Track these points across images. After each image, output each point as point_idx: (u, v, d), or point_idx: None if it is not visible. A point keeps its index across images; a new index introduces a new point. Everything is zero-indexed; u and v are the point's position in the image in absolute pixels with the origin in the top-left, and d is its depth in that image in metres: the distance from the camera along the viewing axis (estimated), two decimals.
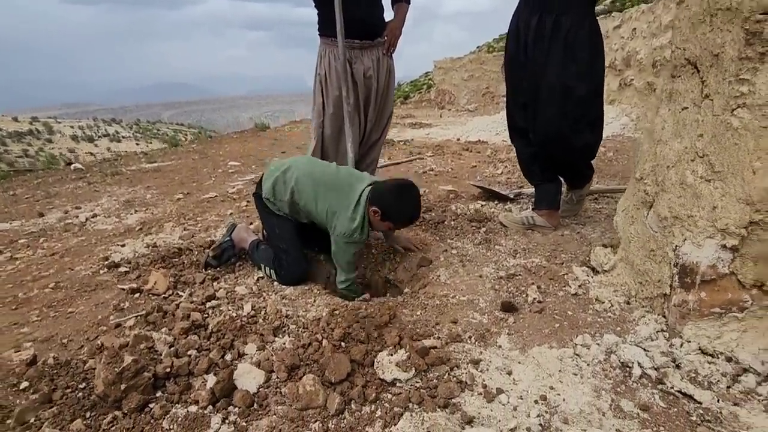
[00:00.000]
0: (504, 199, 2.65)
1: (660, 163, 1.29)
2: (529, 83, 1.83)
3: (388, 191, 1.61)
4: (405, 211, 1.59)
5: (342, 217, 1.59)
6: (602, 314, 1.31)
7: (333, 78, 2.10)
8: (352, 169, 1.81)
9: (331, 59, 2.09)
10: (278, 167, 1.76)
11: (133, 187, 3.93)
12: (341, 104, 2.12)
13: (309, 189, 1.66)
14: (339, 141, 2.24)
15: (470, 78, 14.18)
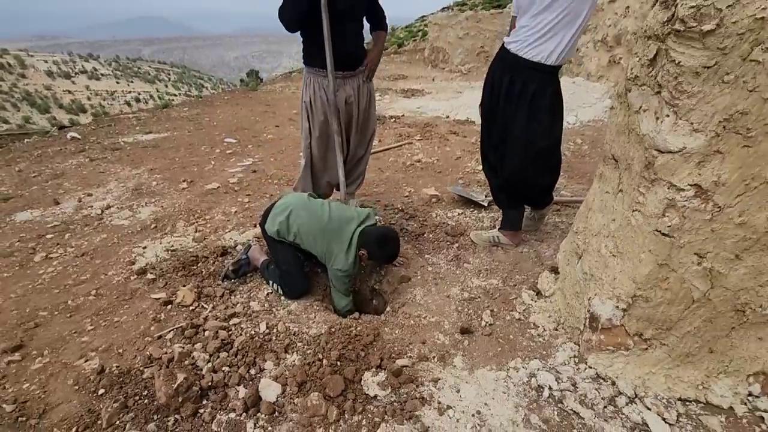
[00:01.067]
0: (479, 207, 3.01)
1: (588, 228, 1.65)
2: (499, 130, 2.13)
3: (374, 239, 1.94)
4: (386, 255, 1.95)
5: (338, 257, 1.93)
6: (535, 338, 1.73)
7: (318, 105, 2.33)
8: (341, 212, 2.08)
9: (315, 88, 2.31)
10: (282, 211, 2.05)
11: (137, 169, 4.15)
12: (326, 128, 2.39)
13: (309, 236, 1.99)
14: (326, 159, 2.53)
15: (465, 36, 13.92)
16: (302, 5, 2.06)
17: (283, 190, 3.49)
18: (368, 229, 1.98)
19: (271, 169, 4.04)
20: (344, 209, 2.11)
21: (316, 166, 2.55)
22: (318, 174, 2.60)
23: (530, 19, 1.87)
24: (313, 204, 2.12)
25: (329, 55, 2.19)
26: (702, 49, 1.08)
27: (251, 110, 7.32)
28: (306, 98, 2.36)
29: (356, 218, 2.03)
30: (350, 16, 2.20)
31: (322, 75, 2.30)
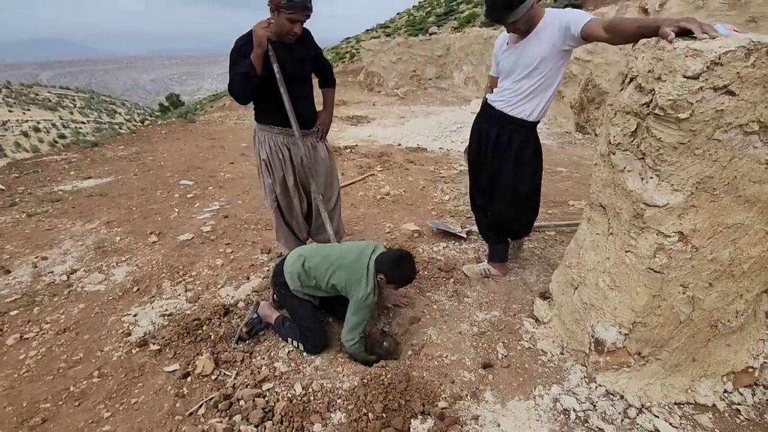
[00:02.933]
0: (460, 238, 3.25)
1: (582, 263, 1.92)
2: (487, 176, 2.39)
3: (390, 262, 2.05)
4: (404, 277, 2.06)
5: (359, 286, 2.01)
6: (547, 364, 1.95)
7: (276, 162, 2.39)
8: (352, 245, 2.19)
9: (271, 145, 2.38)
10: (296, 261, 2.10)
11: (90, 223, 3.87)
12: (285, 185, 2.48)
13: (327, 274, 2.05)
14: (291, 213, 2.61)
15: (398, 61, 14.58)
16: (253, 82, 2.09)
17: (262, 235, 3.47)
18: (382, 254, 2.10)
19: (242, 212, 3.98)
20: (354, 243, 2.20)
21: (287, 218, 2.63)
22: (289, 221, 2.66)
23: (513, 83, 2.15)
24: (323, 247, 2.20)
25: (293, 120, 2.26)
26: (678, 130, 1.37)
27: (197, 145, 7.08)
28: (263, 156, 2.41)
29: (369, 247, 2.13)
30: (300, 78, 2.28)
31: (276, 132, 2.36)
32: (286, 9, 2.01)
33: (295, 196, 2.54)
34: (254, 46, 2.05)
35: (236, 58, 2.12)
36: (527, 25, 2.02)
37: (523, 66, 2.09)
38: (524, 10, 1.93)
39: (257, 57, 2.07)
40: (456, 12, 29.90)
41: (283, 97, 2.21)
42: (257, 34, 2.04)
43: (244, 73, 2.07)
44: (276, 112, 2.29)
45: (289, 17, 2.04)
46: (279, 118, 2.31)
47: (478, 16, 23.89)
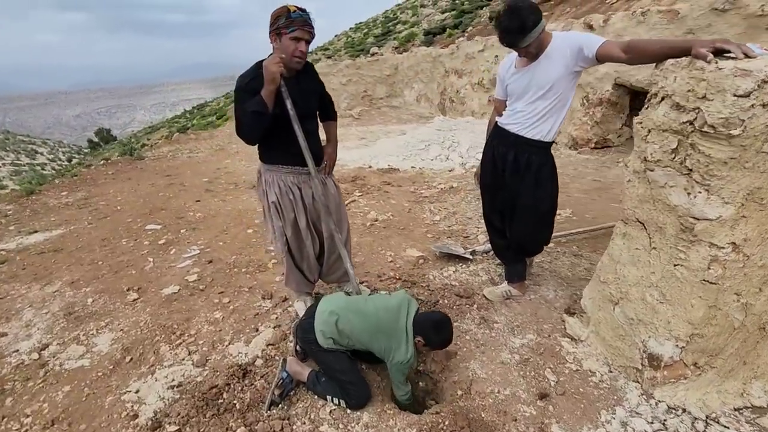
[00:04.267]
0: (465, 260, 3.20)
1: (621, 278, 1.93)
2: (504, 198, 2.37)
3: (430, 326, 1.93)
4: (443, 341, 1.95)
5: (398, 351, 1.88)
6: (600, 386, 1.92)
7: (287, 203, 2.26)
8: (386, 303, 2.02)
9: (281, 186, 2.23)
10: (328, 319, 1.94)
11: (51, 286, 3.42)
12: (297, 227, 2.33)
13: (364, 338, 1.91)
14: (301, 255, 2.45)
15: (348, 82, 14.67)
16: (265, 120, 1.96)
17: (256, 278, 3.23)
18: (420, 316, 1.99)
19: (226, 255, 3.70)
20: (387, 300, 2.07)
21: (297, 259, 2.47)
22: (300, 265, 2.50)
23: (527, 105, 2.16)
24: (356, 303, 2.05)
25: (309, 158, 2.14)
26: (728, 146, 1.41)
27: (152, 184, 6.60)
28: (273, 198, 2.25)
29: (404, 306, 2.01)
30: (310, 113, 2.19)
31: (284, 172, 2.23)
32: (286, 28, 1.91)
33: (308, 237, 2.38)
34: (266, 83, 1.91)
35: (244, 96, 1.96)
36: (538, 49, 2.04)
37: (537, 87, 2.11)
38: (536, 34, 1.96)
39: (270, 94, 1.93)
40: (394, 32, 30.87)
41: (297, 134, 2.07)
42: (270, 69, 1.90)
43: (256, 111, 1.92)
44: (284, 151, 2.15)
45: (292, 36, 1.92)
46: (288, 156, 2.17)
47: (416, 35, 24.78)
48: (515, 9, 1.95)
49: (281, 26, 1.91)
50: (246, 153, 8.49)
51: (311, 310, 2.08)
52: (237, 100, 1.98)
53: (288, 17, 1.88)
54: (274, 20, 1.92)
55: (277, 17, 1.91)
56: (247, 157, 8.08)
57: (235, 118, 2.00)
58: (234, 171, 7.12)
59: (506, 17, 1.97)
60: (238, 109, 1.97)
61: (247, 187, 6.02)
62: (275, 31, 1.94)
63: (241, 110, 1.95)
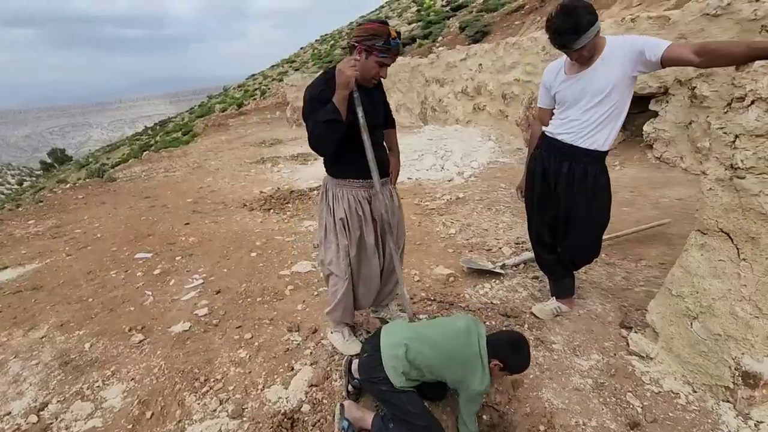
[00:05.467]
0: (495, 275, 3.06)
1: (702, 292, 1.82)
2: (555, 212, 2.25)
3: (507, 347, 1.76)
4: (523, 362, 1.79)
5: (475, 379, 1.70)
6: (689, 408, 1.80)
7: (354, 219, 2.10)
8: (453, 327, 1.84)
9: (350, 200, 2.08)
10: (396, 351, 1.74)
11: (35, 329, 3.03)
12: (362, 244, 2.17)
13: (438, 369, 1.73)
14: (360, 275, 2.26)
15: None
16: (340, 131, 1.83)
17: (276, 308, 2.96)
18: (492, 338, 1.82)
19: (234, 283, 3.41)
20: (452, 324, 1.89)
21: (356, 286, 2.26)
22: (356, 289, 2.30)
23: (582, 113, 2.05)
24: (421, 330, 1.85)
25: (375, 171, 1.98)
26: None
27: (131, 208, 6.16)
28: (341, 214, 2.08)
29: (472, 329, 1.83)
30: (378, 123, 2.08)
31: (356, 186, 2.07)
32: (380, 52, 1.82)
33: (374, 256, 2.19)
34: (339, 87, 1.77)
35: (316, 106, 1.82)
36: (592, 52, 1.94)
37: (592, 94, 2.00)
38: (592, 35, 1.86)
39: (343, 99, 1.79)
40: None
41: (366, 145, 1.92)
42: (345, 73, 1.75)
43: (330, 120, 1.78)
44: (355, 163, 1.99)
45: (380, 60, 1.84)
46: (358, 169, 2.01)
47: None
48: (569, 8, 1.85)
49: (377, 48, 1.81)
50: (228, 171, 8.13)
51: (370, 345, 1.87)
52: (309, 110, 1.85)
53: (387, 43, 1.80)
54: (371, 36, 1.80)
55: (375, 35, 1.80)
56: (230, 175, 7.72)
57: (308, 131, 1.86)
58: (218, 190, 6.76)
59: (559, 17, 1.86)
60: (311, 120, 1.83)
61: (237, 206, 5.70)
62: (367, 48, 1.82)
63: (314, 121, 1.81)
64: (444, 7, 26.54)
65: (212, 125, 20.00)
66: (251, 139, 12.21)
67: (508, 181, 5.52)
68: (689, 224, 3.61)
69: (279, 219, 4.97)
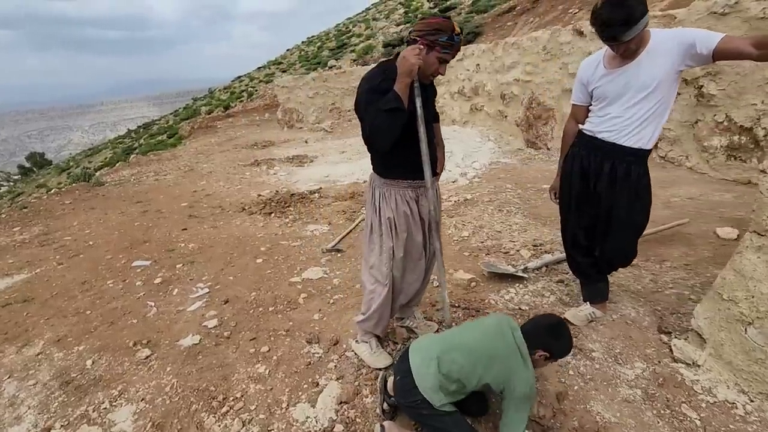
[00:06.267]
0: (517, 279, 2.96)
1: (758, 296, 1.74)
2: (593, 213, 2.15)
3: (545, 333, 1.66)
4: (568, 346, 1.68)
5: (519, 378, 1.58)
6: (748, 419, 1.71)
7: (402, 221, 2.01)
8: (482, 327, 1.76)
9: (398, 200, 1.99)
10: (428, 368, 1.61)
11: (30, 346, 2.83)
12: (410, 246, 2.08)
13: (478, 373, 1.60)
14: (403, 281, 2.16)
15: (315, 96, 14.35)
16: (403, 119, 1.74)
17: (291, 318, 2.81)
18: (528, 326, 1.70)
19: (243, 291, 3.24)
20: (481, 324, 1.77)
21: (396, 289, 2.14)
22: (395, 298, 2.17)
23: (624, 110, 1.95)
24: (450, 339, 1.73)
25: (428, 168, 1.89)
26: None
27: (123, 213, 5.91)
28: (389, 214, 1.97)
29: (503, 323, 1.71)
30: (429, 120, 1.97)
31: (404, 186, 1.97)
32: (442, 48, 1.74)
33: (421, 258, 2.12)
34: (401, 75, 1.70)
35: (374, 97, 1.73)
36: (638, 45, 1.85)
37: (637, 89, 1.91)
38: (642, 26, 1.76)
39: (405, 87, 1.71)
40: (349, 45, 30.89)
41: (421, 137, 1.83)
42: (409, 60, 1.68)
43: (393, 109, 1.68)
44: (404, 163, 1.90)
45: (441, 56, 1.76)
46: (407, 169, 1.93)
47: (374, 47, 24.88)
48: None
49: (440, 43, 1.73)
50: (222, 173, 7.91)
51: (400, 366, 1.74)
52: (367, 102, 1.74)
53: (451, 38, 1.73)
54: (434, 31, 1.72)
55: (439, 30, 1.72)
56: (224, 178, 7.50)
57: (368, 123, 1.74)
58: (214, 193, 6.54)
59: (607, 8, 1.76)
60: (370, 110, 1.72)
61: (236, 210, 5.50)
62: (429, 42, 1.73)
63: (374, 111, 1.71)
64: (432, 9, 26.62)
65: (199, 128, 19.61)
66: (242, 142, 11.97)
67: (513, 181, 5.45)
68: (705, 223, 3.61)
69: (281, 223, 4.79)
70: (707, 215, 3.69)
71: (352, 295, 3.02)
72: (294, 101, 14.15)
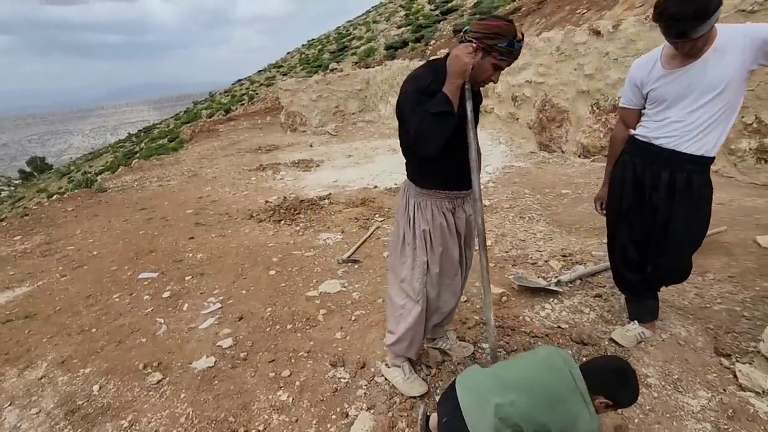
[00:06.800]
0: (554, 293, 2.78)
1: None
2: (646, 226, 1.98)
3: (611, 379, 1.49)
4: (634, 394, 1.51)
5: (580, 421, 1.41)
6: None
7: (438, 234, 1.85)
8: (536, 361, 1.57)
9: (434, 211, 1.83)
10: (484, 412, 1.43)
11: (32, 368, 2.66)
12: (445, 261, 1.91)
13: (542, 418, 1.42)
14: (439, 299, 1.99)
15: (319, 99, 14.22)
16: (453, 123, 1.58)
17: (312, 336, 2.62)
18: (590, 368, 1.52)
19: (257, 307, 3.06)
20: (534, 359, 1.59)
21: (431, 308, 1.97)
22: (428, 317, 2.00)
23: (686, 114, 1.77)
24: (504, 375, 1.54)
25: (476, 175, 1.72)
26: None
27: (127, 221, 5.73)
28: (424, 226, 1.81)
29: (556, 359, 1.53)
30: (475, 125, 1.80)
31: (441, 197, 1.81)
32: (500, 54, 1.58)
33: (457, 274, 1.97)
34: (452, 75, 1.55)
35: (422, 99, 1.57)
36: (705, 41, 1.68)
37: (702, 91, 1.73)
38: (714, 21, 1.59)
39: (457, 89, 1.56)
40: (350, 48, 30.81)
41: (470, 142, 1.69)
42: (462, 60, 1.53)
43: (442, 112, 1.52)
44: (444, 172, 1.75)
45: (497, 63, 1.61)
46: (446, 179, 1.77)
47: (376, 50, 24.78)
48: None
49: (499, 48, 1.57)
50: (227, 179, 7.73)
51: (446, 406, 1.55)
52: (415, 103, 1.58)
53: (511, 45, 1.57)
54: (494, 35, 1.56)
55: (498, 35, 1.56)
56: (230, 184, 7.33)
57: (413, 126, 1.57)
58: (220, 199, 6.37)
59: (674, 1, 1.58)
60: (417, 112, 1.56)
61: (244, 217, 5.32)
62: (487, 46, 1.57)
63: (421, 113, 1.55)
64: (433, 11, 26.53)
65: (200, 131, 19.48)
66: (245, 146, 11.81)
67: (530, 186, 5.28)
68: (742, 231, 3.42)
69: (292, 231, 4.61)
70: (743, 222, 3.52)
71: (374, 311, 2.85)
72: (297, 104, 14.00)
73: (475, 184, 1.73)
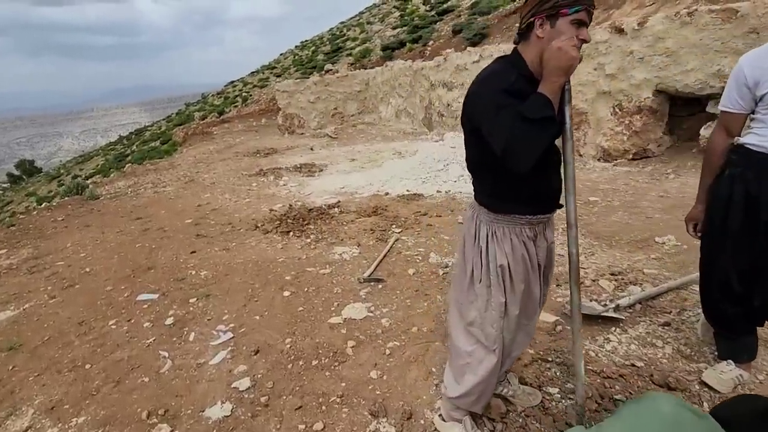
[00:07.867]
0: (614, 320, 2.46)
1: None
2: (760, 251, 1.66)
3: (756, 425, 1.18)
4: None
5: None
6: None
7: (520, 269, 1.51)
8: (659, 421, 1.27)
9: (513, 241, 1.50)
10: None
11: (15, 414, 2.30)
12: (526, 301, 1.58)
13: None
14: (513, 343, 1.67)
15: (317, 100, 13.89)
16: (555, 132, 1.27)
17: (341, 376, 2.28)
18: (721, 414, 1.21)
19: (275, 338, 2.69)
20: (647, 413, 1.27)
21: (504, 354, 1.64)
22: (502, 368, 1.67)
23: None
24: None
25: (572, 196, 1.40)
26: None
27: (122, 232, 5.34)
28: (502, 260, 1.47)
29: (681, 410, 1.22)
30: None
31: (521, 223, 1.48)
32: (569, 7, 1.24)
33: (535, 314, 1.68)
34: (552, 72, 1.23)
35: (506, 101, 1.25)
36: None
37: None
38: None
39: (558, 89, 1.24)
40: (345, 49, 30.44)
41: (567, 160, 1.39)
42: (568, 53, 1.21)
43: (542, 118, 1.19)
44: (527, 194, 1.44)
45: (575, 18, 1.25)
46: (530, 201, 1.46)
47: (371, 51, 24.44)
48: None
49: (560, 4, 1.23)
50: (227, 185, 7.34)
51: None
52: (498, 107, 1.25)
53: None
54: None
55: None
56: (230, 190, 6.94)
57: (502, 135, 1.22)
58: (220, 208, 5.98)
59: None
60: (506, 118, 1.22)
61: (248, 228, 4.95)
62: (547, 11, 1.25)
63: (510, 119, 1.21)
64: (428, 12, 26.27)
65: (193, 134, 19.03)
66: (242, 149, 11.42)
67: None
68: None
69: (303, 244, 4.25)
70: None
71: (410, 342, 2.51)
72: (295, 106, 13.63)
73: (570, 207, 1.41)
